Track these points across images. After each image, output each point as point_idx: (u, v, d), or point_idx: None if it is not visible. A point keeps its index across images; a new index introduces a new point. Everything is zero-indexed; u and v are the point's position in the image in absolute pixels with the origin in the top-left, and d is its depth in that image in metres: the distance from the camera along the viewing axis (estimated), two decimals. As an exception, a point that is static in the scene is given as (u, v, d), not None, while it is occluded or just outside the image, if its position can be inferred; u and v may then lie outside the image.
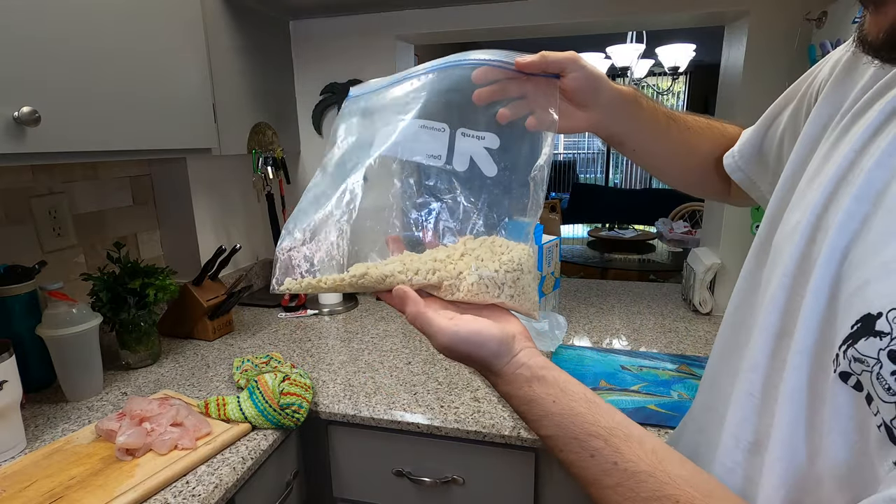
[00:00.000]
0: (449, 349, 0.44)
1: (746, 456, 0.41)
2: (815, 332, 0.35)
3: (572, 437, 0.39)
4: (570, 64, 0.51)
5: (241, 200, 1.56)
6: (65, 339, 0.93)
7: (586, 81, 0.52)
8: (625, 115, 0.57)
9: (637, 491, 0.35)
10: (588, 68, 0.52)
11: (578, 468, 0.39)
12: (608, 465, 0.37)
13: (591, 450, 0.38)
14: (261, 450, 0.82)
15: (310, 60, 1.49)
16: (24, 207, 1.05)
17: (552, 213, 3.95)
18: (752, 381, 0.41)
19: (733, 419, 0.42)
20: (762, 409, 0.40)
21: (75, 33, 0.81)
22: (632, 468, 0.36)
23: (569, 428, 0.39)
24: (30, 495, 0.69)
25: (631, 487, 0.36)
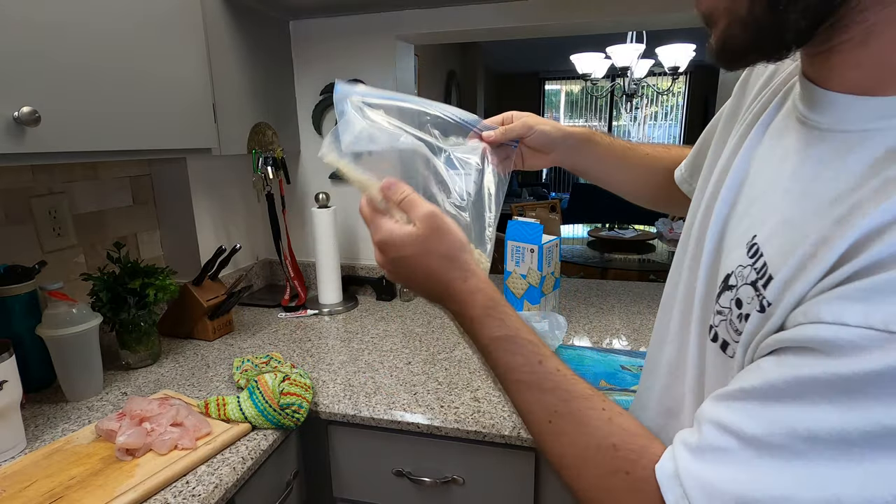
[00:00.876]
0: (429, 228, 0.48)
1: (667, 420, 0.48)
2: (701, 304, 0.43)
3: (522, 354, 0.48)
4: (525, 131, 0.67)
5: (241, 200, 1.56)
6: (65, 339, 0.93)
7: (541, 138, 0.68)
8: (581, 153, 0.72)
9: None
10: (539, 128, 0.67)
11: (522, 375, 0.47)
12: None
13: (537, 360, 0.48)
14: (261, 450, 0.82)
15: (310, 60, 1.49)
16: (24, 207, 1.05)
17: (552, 213, 3.95)
18: (669, 353, 0.49)
19: (659, 388, 0.50)
20: (676, 377, 0.47)
21: (75, 33, 0.81)
22: None
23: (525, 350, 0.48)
24: (30, 495, 0.69)
25: None
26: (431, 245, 0.48)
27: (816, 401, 0.30)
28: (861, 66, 0.33)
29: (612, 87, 5.36)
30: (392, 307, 1.47)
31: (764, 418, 0.32)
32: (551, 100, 7.83)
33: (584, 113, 7.91)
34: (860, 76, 0.33)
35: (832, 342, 0.29)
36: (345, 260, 1.58)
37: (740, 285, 0.37)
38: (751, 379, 0.33)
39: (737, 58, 0.37)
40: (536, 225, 1.28)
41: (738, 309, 0.37)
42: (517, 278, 1.31)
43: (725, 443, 0.33)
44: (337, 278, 1.45)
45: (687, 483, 0.34)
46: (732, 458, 0.32)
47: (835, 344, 0.29)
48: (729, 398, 0.34)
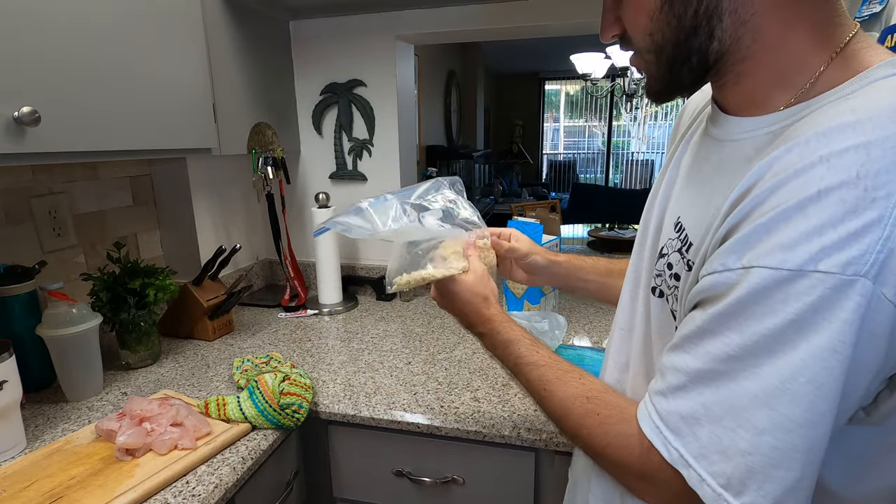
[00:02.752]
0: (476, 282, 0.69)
1: (622, 374, 0.62)
2: (647, 274, 0.57)
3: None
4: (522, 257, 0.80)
5: (241, 200, 1.56)
6: (65, 339, 0.93)
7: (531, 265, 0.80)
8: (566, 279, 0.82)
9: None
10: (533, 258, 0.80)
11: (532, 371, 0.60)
12: None
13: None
14: (261, 450, 0.82)
15: (310, 60, 1.49)
16: (24, 207, 1.05)
17: (552, 213, 3.95)
18: (622, 317, 0.63)
19: (614, 348, 0.64)
20: (628, 336, 0.61)
21: (75, 34, 0.81)
22: None
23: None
24: (30, 495, 0.69)
25: None
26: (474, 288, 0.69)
27: (724, 331, 0.41)
28: (738, 97, 0.48)
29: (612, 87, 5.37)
30: (392, 307, 1.47)
31: (698, 354, 0.43)
32: (551, 100, 7.83)
33: (584, 113, 7.91)
34: (738, 104, 0.49)
35: (723, 283, 0.41)
36: (345, 260, 1.58)
37: (670, 253, 0.52)
38: (686, 328, 0.45)
39: (659, 96, 0.52)
40: (536, 225, 1.28)
41: (669, 270, 0.52)
42: (517, 278, 1.31)
43: (679, 380, 0.44)
44: (337, 278, 1.45)
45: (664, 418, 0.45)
46: (686, 390, 0.44)
47: (724, 284, 0.41)
48: (676, 348, 0.46)
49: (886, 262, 0.35)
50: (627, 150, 7.87)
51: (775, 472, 0.39)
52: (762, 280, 0.38)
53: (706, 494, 0.42)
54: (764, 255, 0.38)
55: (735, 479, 0.40)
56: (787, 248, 0.37)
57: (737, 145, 0.48)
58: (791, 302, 0.37)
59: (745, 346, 0.40)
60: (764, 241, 0.39)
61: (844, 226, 0.36)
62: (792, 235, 0.37)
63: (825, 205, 0.36)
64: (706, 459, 0.42)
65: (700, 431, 0.42)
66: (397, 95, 1.47)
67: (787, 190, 0.38)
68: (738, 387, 0.40)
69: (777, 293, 0.38)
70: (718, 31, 0.44)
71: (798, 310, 0.37)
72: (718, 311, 0.41)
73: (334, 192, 1.56)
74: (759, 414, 0.39)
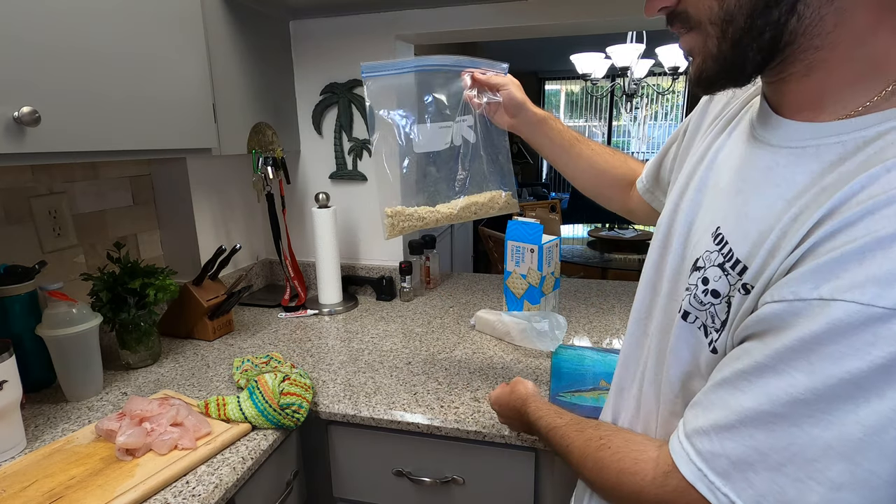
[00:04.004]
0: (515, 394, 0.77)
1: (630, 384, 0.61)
2: (670, 285, 0.53)
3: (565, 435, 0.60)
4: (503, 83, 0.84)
5: (241, 200, 1.56)
6: (65, 339, 0.93)
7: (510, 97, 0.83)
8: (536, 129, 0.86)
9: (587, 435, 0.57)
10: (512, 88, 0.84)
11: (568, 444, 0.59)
12: None
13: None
14: (261, 450, 0.82)
15: (310, 60, 1.49)
16: (24, 207, 1.05)
17: (552, 213, 3.95)
18: (632, 331, 0.61)
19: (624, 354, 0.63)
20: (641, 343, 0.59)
21: (75, 33, 0.81)
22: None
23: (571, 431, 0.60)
24: (30, 495, 0.69)
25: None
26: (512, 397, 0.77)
27: (789, 370, 0.37)
28: (802, 94, 0.43)
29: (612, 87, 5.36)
30: (392, 307, 1.47)
31: (754, 393, 0.39)
32: (551, 100, 7.82)
33: (584, 113, 7.90)
34: (799, 103, 0.43)
35: (791, 314, 0.37)
36: (345, 260, 1.58)
37: (708, 267, 0.47)
38: (740, 362, 0.40)
39: (711, 84, 0.46)
40: (536, 225, 1.28)
41: (703, 285, 0.47)
42: (517, 278, 1.31)
43: (727, 419, 0.40)
44: (337, 278, 1.45)
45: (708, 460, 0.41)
46: (736, 431, 0.39)
47: (793, 315, 0.37)
48: (725, 382, 0.41)
49: None
50: (627, 150, 7.88)
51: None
52: (846, 316, 0.34)
53: None
54: (852, 287, 0.34)
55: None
56: (884, 282, 0.33)
57: (797, 153, 0.43)
58: (881, 344, 0.33)
59: (815, 390, 0.35)
60: (852, 272, 0.34)
61: None
62: (890, 269, 0.33)
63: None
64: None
65: (755, 479, 0.38)
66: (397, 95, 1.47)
67: (884, 215, 0.34)
68: (803, 434, 0.36)
69: (865, 333, 0.33)
70: (801, 4, 0.38)
71: (891, 354, 0.33)
72: (784, 346, 0.37)
73: (334, 192, 1.56)
74: (836, 468, 0.35)
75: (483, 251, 3.78)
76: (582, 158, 0.88)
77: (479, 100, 0.85)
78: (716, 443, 0.40)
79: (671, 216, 0.56)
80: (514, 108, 0.84)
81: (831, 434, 0.35)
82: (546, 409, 0.66)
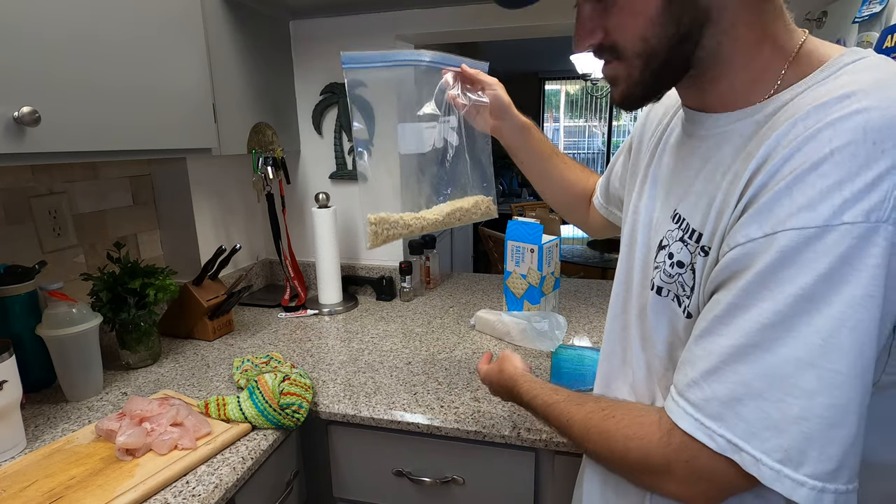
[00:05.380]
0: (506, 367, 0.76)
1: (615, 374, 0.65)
2: (642, 272, 0.59)
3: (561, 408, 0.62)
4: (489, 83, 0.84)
5: (241, 200, 1.56)
6: (65, 339, 0.93)
7: (496, 99, 0.83)
8: (517, 135, 0.86)
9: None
10: (498, 90, 0.83)
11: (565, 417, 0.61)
12: None
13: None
14: (261, 450, 0.82)
15: (310, 60, 1.49)
16: (24, 207, 1.05)
17: (552, 213, 3.95)
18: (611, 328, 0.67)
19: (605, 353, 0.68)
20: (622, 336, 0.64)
21: (76, 34, 0.81)
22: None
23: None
24: (30, 495, 0.69)
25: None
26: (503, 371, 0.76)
27: (756, 302, 0.41)
28: (716, 96, 0.52)
29: (612, 87, 5.34)
30: (392, 307, 1.47)
31: (730, 333, 0.43)
32: (551, 100, 7.83)
33: (584, 113, 7.91)
34: (717, 102, 0.52)
35: (748, 255, 0.42)
36: (345, 260, 1.58)
37: (671, 243, 0.54)
38: (713, 311, 0.45)
39: (633, 105, 0.55)
40: (536, 225, 1.28)
41: (669, 259, 0.54)
42: (517, 278, 1.31)
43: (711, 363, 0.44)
44: (337, 278, 1.45)
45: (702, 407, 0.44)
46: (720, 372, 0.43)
47: (750, 255, 0.42)
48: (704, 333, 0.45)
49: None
50: (627, 150, 7.86)
51: (835, 433, 0.39)
52: (790, 242, 0.39)
53: (764, 475, 0.41)
54: (788, 218, 0.40)
55: (794, 451, 0.40)
56: (810, 207, 0.39)
57: (723, 136, 0.51)
58: (821, 258, 0.38)
59: (779, 312, 0.40)
60: (786, 205, 0.40)
61: (861, 178, 0.38)
62: (812, 195, 0.39)
63: (839, 161, 0.39)
64: (757, 438, 0.41)
65: (744, 411, 0.41)
66: (397, 95, 1.47)
67: (799, 155, 0.41)
68: (775, 356, 0.40)
69: (807, 252, 0.39)
70: (706, 37, 0.48)
71: (829, 263, 0.38)
72: (748, 283, 0.42)
73: (334, 192, 1.56)
74: (806, 376, 0.39)
75: (483, 251, 3.78)
76: (556, 171, 0.90)
77: (463, 100, 0.81)
78: (706, 389, 0.44)
79: (633, 216, 0.63)
80: (501, 110, 0.84)
81: (797, 348, 0.40)
82: (540, 387, 0.67)
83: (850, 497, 0.40)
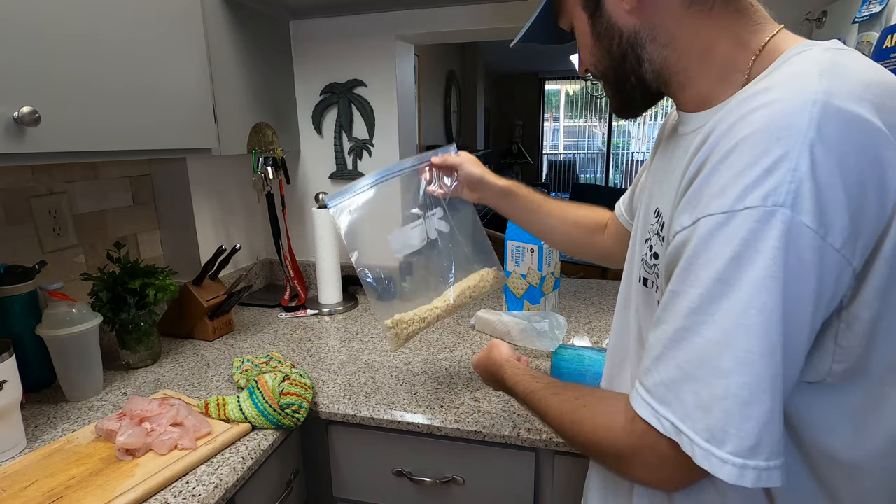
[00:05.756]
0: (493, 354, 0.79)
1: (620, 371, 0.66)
2: (636, 266, 0.61)
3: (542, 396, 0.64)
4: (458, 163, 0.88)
5: (241, 200, 1.56)
6: (65, 339, 0.93)
7: (468, 175, 0.87)
8: (503, 201, 0.89)
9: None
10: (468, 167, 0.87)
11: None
12: None
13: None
14: (261, 450, 0.82)
15: (310, 60, 1.49)
16: (24, 207, 1.05)
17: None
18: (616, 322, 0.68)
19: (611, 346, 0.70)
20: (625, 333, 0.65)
21: (76, 34, 0.81)
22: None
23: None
24: (30, 495, 0.69)
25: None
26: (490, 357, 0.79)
27: (685, 288, 0.44)
28: (689, 98, 0.56)
29: (612, 87, 5.34)
30: (392, 307, 1.47)
31: (669, 319, 0.45)
32: (551, 100, 7.83)
33: (584, 113, 7.91)
34: (692, 103, 0.56)
35: (681, 243, 0.45)
36: (345, 260, 1.58)
37: (651, 236, 0.57)
38: (663, 300, 0.47)
39: (620, 113, 0.64)
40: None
41: (649, 251, 0.57)
42: (517, 278, 1.31)
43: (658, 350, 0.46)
44: (337, 278, 1.45)
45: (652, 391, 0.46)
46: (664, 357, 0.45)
47: (681, 243, 0.45)
48: (657, 322, 0.48)
49: (799, 192, 0.39)
50: (627, 150, 7.87)
51: (750, 410, 0.40)
52: (706, 229, 0.42)
53: (697, 455, 0.42)
54: (705, 205, 0.43)
55: (716, 429, 0.41)
56: (720, 194, 0.42)
57: (692, 135, 0.54)
58: (728, 242, 0.41)
59: (702, 296, 0.42)
60: (704, 194, 0.44)
61: (759, 164, 0.40)
62: (722, 182, 0.42)
63: (742, 151, 0.42)
64: (691, 419, 0.43)
65: (682, 393, 0.44)
66: (397, 95, 1.47)
67: (718, 147, 0.44)
68: (702, 338, 0.42)
69: (719, 236, 0.42)
70: (645, 55, 0.54)
71: (735, 247, 0.41)
72: (680, 269, 0.45)
73: (334, 192, 1.56)
74: (724, 357, 0.41)
75: (483, 251, 3.78)
76: (552, 215, 0.91)
77: (441, 189, 0.88)
78: (655, 375, 0.46)
79: (633, 213, 0.68)
80: (475, 183, 0.88)
81: (716, 330, 0.42)
82: (522, 374, 0.69)
83: (773, 474, 0.41)
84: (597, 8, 0.56)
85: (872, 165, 0.40)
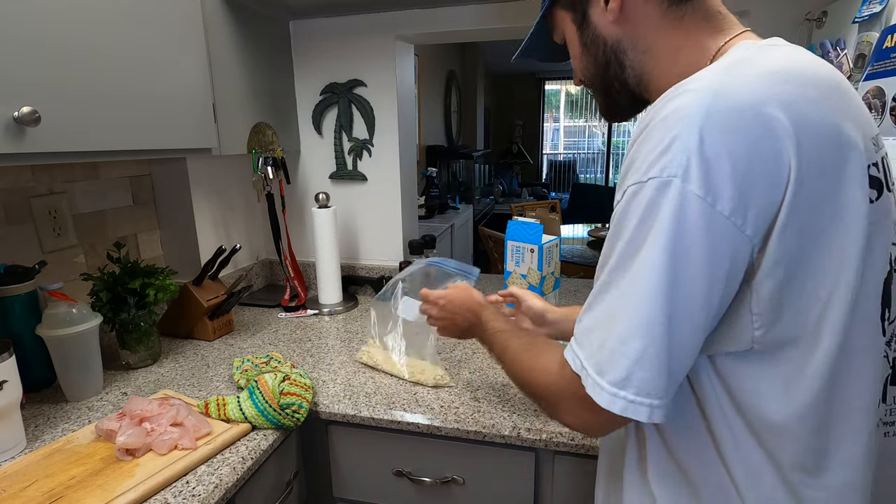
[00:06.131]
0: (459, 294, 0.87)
1: None
2: None
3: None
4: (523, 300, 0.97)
5: (241, 200, 1.56)
6: (65, 339, 0.93)
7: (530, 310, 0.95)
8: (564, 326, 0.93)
9: None
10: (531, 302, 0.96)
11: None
12: None
13: None
14: (261, 450, 0.82)
15: (310, 60, 1.49)
16: (24, 207, 1.05)
17: (552, 213, 3.95)
18: None
19: None
20: None
21: (76, 34, 0.81)
22: None
23: None
24: (30, 495, 0.69)
25: None
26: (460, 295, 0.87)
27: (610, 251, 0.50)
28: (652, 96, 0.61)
29: (612, 87, 5.33)
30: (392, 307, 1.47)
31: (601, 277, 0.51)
32: (551, 100, 7.82)
33: (584, 113, 7.90)
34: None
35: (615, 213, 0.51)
36: (345, 260, 1.58)
37: None
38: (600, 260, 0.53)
39: (607, 117, 0.69)
40: (536, 225, 1.28)
41: None
42: (517, 278, 1.31)
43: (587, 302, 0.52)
44: (337, 278, 1.45)
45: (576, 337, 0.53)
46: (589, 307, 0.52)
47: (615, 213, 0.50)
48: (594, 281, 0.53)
49: (689, 165, 0.45)
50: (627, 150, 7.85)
51: (624, 348, 0.47)
52: (626, 197, 0.49)
53: (588, 385, 0.49)
54: (628, 179, 0.49)
55: (602, 363, 0.49)
56: (637, 168, 0.48)
57: None
58: (637, 208, 0.47)
59: (619, 254, 0.49)
60: (629, 169, 0.50)
61: (661, 143, 0.46)
62: (639, 158, 0.48)
63: (651, 134, 0.48)
64: (594, 358, 0.50)
65: (592, 338, 0.50)
66: (397, 95, 1.47)
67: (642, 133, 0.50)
68: (616, 290, 0.49)
69: (633, 203, 0.48)
70: (627, 61, 0.61)
71: (641, 213, 0.47)
72: (610, 234, 0.51)
73: (334, 192, 1.56)
74: (621, 306, 0.48)
75: (483, 251, 3.78)
76: None
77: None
78: (579, 324, 0.52)
79: None
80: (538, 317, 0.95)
81: (624, 283, 0.48)
82: (495, 317, 0.78)
83: (639, 409, 0.47)
84: (584, 20, 0.62)
85: (758, 145, 0.44)
